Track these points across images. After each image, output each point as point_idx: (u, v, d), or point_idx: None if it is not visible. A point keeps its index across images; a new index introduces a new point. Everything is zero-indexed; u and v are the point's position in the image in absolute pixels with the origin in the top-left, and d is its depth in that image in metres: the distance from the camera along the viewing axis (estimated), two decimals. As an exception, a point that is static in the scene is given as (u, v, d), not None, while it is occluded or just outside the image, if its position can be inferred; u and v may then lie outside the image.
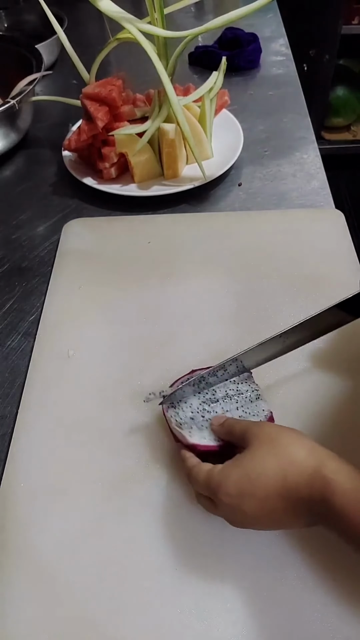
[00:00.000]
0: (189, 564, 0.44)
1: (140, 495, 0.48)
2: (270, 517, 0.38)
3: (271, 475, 0.37)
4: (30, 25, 1.19)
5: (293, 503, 0.36)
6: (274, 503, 0.37)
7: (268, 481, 0.37)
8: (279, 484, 0.37)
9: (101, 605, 0.43)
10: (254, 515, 0.38)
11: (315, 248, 0.67)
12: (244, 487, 0.38)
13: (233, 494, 0.38)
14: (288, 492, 0.36)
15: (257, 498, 0.37)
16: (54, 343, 0.60)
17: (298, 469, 0.37)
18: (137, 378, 0.56)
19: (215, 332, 0.59)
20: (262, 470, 0.38)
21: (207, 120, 0.77)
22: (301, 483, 0.36)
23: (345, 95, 1.93)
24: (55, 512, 0.47)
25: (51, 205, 0.80)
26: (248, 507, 0.38)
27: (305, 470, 0.36)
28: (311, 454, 0.37)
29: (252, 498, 0.37)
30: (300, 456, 0.37)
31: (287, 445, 0.38)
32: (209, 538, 0.45)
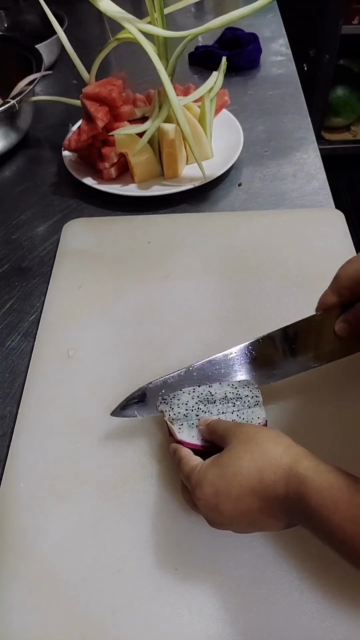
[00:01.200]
0: (189, 564, 0.44)
1: (140, 495, 0.48)
2: (246, 517, 0.38)
3: (246, 473, 0.37)
4: (30, 25, 1.19)
5: (269, 502, 0.36)
6: (250, 502, 0.37)
7: (243, 480, 0.37)
8: (254, 482, 0.36)
9: (101, 605, 0.43)
10: (230, 516, 0.38)
11: (315, 248, 0.67)
12: (220, 486, 0.38)
13: (209, 494, 0.38)
14: (264, 490, 0.36)
15: (233, 498, 0.37)
16: (54, 343, 0.60)
17: (274, 467, 0.36)
18: (137, 378, 0.56)
19: (216, 332, 0.59)
20: (237, 469, 0.37)
21: (207, 120, 0.77)
22: (277, 481, 0.36)
23: (345, 95, 1.93)
24: (55, 512, 0.47)
25: (51, 205, 0.80)
26: (224, 507, 0.37)
27: (280, 467, 0.36)
28: (287, 452, 0.37)
29: (227, 498, 0.37)
30: (276, 454, 0.37)
31: (263, 444, 0.38)
32: (209, 538, 0.45)
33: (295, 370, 0.49)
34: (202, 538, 0.45)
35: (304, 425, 0.51)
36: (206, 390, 0.48)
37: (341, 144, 2.03)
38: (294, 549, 0.44)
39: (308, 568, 0.43)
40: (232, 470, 0.37)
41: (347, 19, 1.67)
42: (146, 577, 0.44)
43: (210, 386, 0.48)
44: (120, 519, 0.47)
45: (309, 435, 0.50)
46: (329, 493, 0.34)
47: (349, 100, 1.95)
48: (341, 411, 0.52)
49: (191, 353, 0.57)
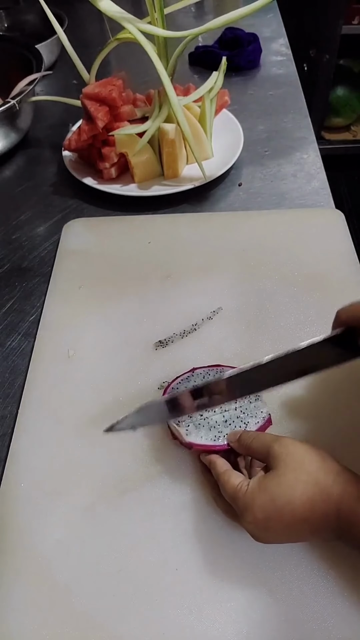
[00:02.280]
0: (189, 564, 0.44)
1: (141, 495, 0.48)
2: (294, 537, 0.39)
3: (299, 504, 0.37)
4: (30, 25, 1.19)
5: (321, 529, 0.37)
6: (301, 527, 0.38)
7: (296, 510, 0.37)
8: (307, 512, 0.37)
9: (101, 605, 0.43)
10: (278, 536, 0.39)
11: (315, 248, 0.67)
12: (271, 512, 0.38)
13: (259, 518, 0.38)
14: (316, 519, 0.37)
15: (284, 523, 0.38)
16: (54, 343, 0.60)
17: (325, 497, 0.37)
18: (137, 378, 0.56)
19: (216, 332, 0.59)
20: (290, 498, 0.38)
21: (207, 120, 0.77)
22: (329, 513, 0.37)
23: (345, 95, 1.93)
24: (55, 512, 0.47)
25: (51, 206, 0.80)
26: (274, 530, 0.38)
27: (332, 498, 0.37)
28: (336, 481, 0.38)
29: (278, 523, 0.38)
30: (326, 484, 0.38)
31: (314, 472, 0.38)
32: (210, 538, 0.45)
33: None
34: (203, 538, 0.45)
35: (305, 417, 0.51)
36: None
37: (341, 144, 2.03)
38: (297, 550, 0.44)
39: (309, 568, 0.43)
40: (285, 499, 0.38)
41: (347, 19, 1.67)
42: (146, 578, 0.44)
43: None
44: (121, 519, 0.47)
45: (310, 427, 0.50)
46: None
47: (349, 100, 1.95)
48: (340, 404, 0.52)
49: (191, 353, 0.57)
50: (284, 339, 0.58)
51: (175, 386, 0.50)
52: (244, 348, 0.57)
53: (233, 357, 0.57)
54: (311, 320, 0.59)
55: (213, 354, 0.57)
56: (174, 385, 0.50)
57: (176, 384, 0.50)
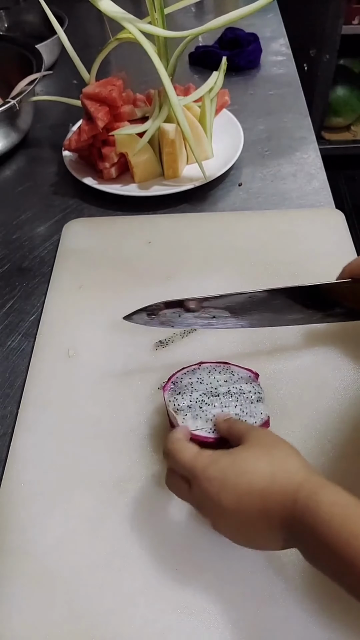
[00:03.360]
0: (189, 564, 0.44)
1: (141, 495, 0.48)
2: (243, 517, 0.37)
3: (260, 473, 0.37)
4: (30, 25, 1.19)
5: (273, 510, 0.35)
6: (253, 502, 0.36)
7: (254, 477, 0.36)
8: (264, 483, 0.36)
9: (101, 605, 0.43)
10: (228, 509, 0.37)
11: (315, 248, 0.67)
12: (229, 475, 0.37)
13: (216, 478, 0.37)
14: (271, 495, 0.36)
15: (237, 491, 0.36)
16: (54, 343, 0.60)
17: (288, 476, 0.36)
18: (137, 378, 0.56)
19: (216, 332, 0.59)
20: (252, 467, 0.37)
21: (207, 120, 0.77)
22: (288, 491, 0.35)
23: (346, 95, 1.93)
24: (56, 511, 0.47)
25: (51, 205, 0.80)
26: (225, 497, 0.37)
27: (295, 479, 0.36)
28: (304, 468, 0.37)
29: (232, 489, 0.37)
30: (293, 466, 0.37)
31: (284, 456, 0.38)
32: (210, 538, 0.45)
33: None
34: (202, 538, 0.45)
35: (305, 425, 0.51)
36: (210, 385, 0.49)
37: (341, 144, 2.03)
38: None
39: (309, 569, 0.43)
40: (246, 466, 0.37)
41: (347, 19, 1.67)
42: (146, 577, 0.44)
43: (217, 380, 0.49)
44: (121, 518, 0.47)
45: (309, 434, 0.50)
46: (340, 510, 0.33)
47: (349, 100, 1.95)
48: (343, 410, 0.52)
49: (191, 353, 0.57)
50: (284, 339, 0.58)
51: (180, 376, 0.50)
52: (244, 348, 0.57)
53: (233, 357, 0.56)
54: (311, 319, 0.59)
55: (213, 354, 0.57)
56: (178, 375, 0.50)
57: (181, 374, 0.50)
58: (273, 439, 0.40)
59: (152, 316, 0.52)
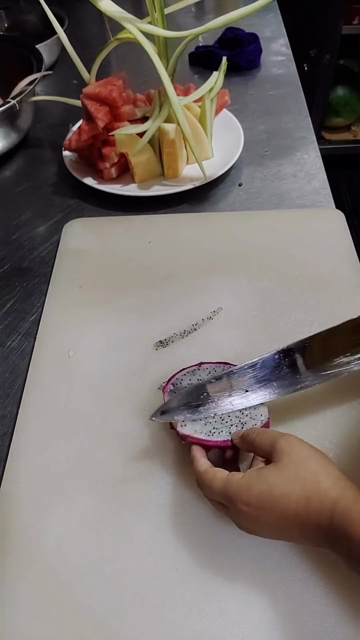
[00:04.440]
0: (189, 564, 0.44)
1: (141, 495, 0.48)
2: (282, 532, 0.39)
3: (295, 499, 0.37)
4: (30, 25, 1.19)
5: (311, 528, 0.37)
6: (292, 522, 0.38)
7: (290, 503, 0.37)
8: (300, 508, 0.37)
9: (102, 605, 0.43)
10: (267, 528, 0.39)
11: (315, 248, 0.67)
12: (265, 502, 0.38)
13: (253, 505, 0.38)
14: (308, 517, 0.37)
15: (276, 515, 0.38)
16: (54, 343, 0.60)
17: (321, 497, 0.37)
18: (137, 378, 0.56)
19: (216, 332, 0.59)
20: (286, 491, 0.38)
21: (207, 120, 0.77)
22: (323, 512, 0.37)
23: (346, 95, 1.93)
24: (56, 512, 0.47)
25: (51, 206, 0.80)
26: (264, 520, 0.38)
27: (328, 499, 0.37)
28: (335, 485, 0.38)
29: (271, 513, 0.38)
30: (325, 485, 0.38)
31: (315, 473, 0.39)
32: (210, 538, 0.45)
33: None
34: (202, 538, 0.45)
35: (305, 424, 0.51)
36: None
37: (341, 144, 2.03)
38: (295, 552, 0.44)
39: (308, 570, 0.43)
40: (281, 490, 0.38)
41: (347, 19, 1.67)
42: (147, 577, 0.44)
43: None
44: (121, 518, 0.47)
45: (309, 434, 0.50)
46: None
47: (349, 100, 1.94)
48: (343, 410, 0.52)
49: (191, 353, 0.57)
50: (284, 339, 0.58)
51: (180, 377, 0.50)
52: (244, 348, 0.57)
53: (233, 357, 0.56)
54: (311, 320, 0.59)
55: (213, 354, 0.57)
56: (178, 377, 0.50)
57: (181, 375, 0.50)
58: (304, 453, 0.40)
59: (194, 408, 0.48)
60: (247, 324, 0.60)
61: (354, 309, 0.60)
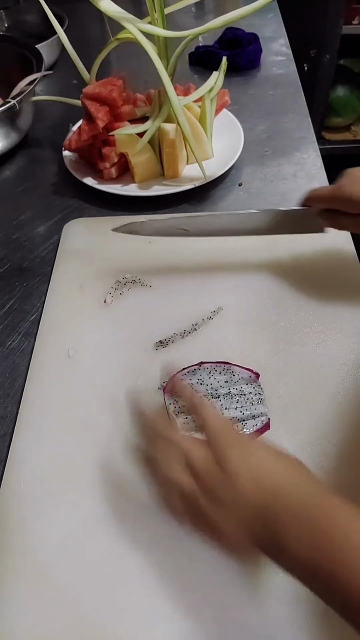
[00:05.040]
0: (190, 564, 0.44)
1: (141, 495, 0.48)
2: (244, 480, 0.37)
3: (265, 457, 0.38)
4: (30, 25, 1.19)
5: (260, 485, 0.36)
6: (257, 461, 0.38)
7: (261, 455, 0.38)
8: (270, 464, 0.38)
9: (101, 605, 0.42)
10: (236, 463, 0.38)
11: (315, 248, 0.67)
12: (243, 439, 0.40)
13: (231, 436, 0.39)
14: (260, 480, 0.37)
15: (246, 452, 0.38)
16: (54, 343, 0.60)
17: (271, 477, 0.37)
18: (137, 378, 0.56)
19: (216, 332, 0.59)
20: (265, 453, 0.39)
21: (207, 120, 0.77)
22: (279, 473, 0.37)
23: (346, 95, 1.93)
24: (56, 512, 0.47)
25: (52, 205, 0.80)
26: (235, 452, 0.38)
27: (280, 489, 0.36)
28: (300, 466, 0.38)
29: (241, 447, 0.38)
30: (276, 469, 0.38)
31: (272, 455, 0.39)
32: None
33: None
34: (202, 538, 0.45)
35: (304, 424, 0.51)
36: (210, 387, 0.48)
37: (341, 144, 2.03)
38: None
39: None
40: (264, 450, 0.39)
41: (347, 19, 1.67)
42: (147, 577, 0.44)
43: (218, 381, 0.49)
44: (121, 518, 0.47)
45: (309, 434, 0.50)
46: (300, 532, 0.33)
47: (349, 100, 1.94)
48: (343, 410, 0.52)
49: (191, 353, 0.57)
50: (284, 339, 0.58)
51: (180, 377, 0.50)
52: (244, 348, 0.57)
53: (233, 357, 0.56)
54: (311, 320, 0.59)
55: (213, 354, 0.57)
56: (178, 376, 0.50)
57: (181, 374, 0.50)
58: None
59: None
60: (247, 324, 0.60)
61: (354, 309, 0.60)
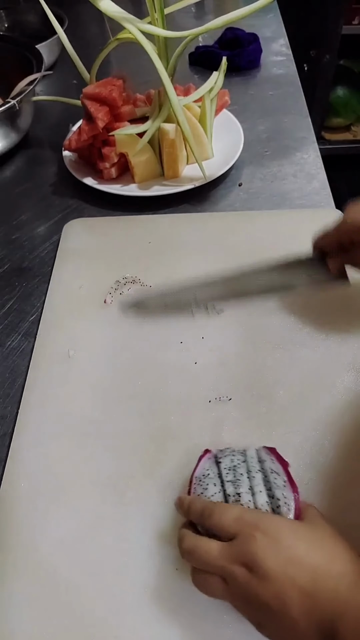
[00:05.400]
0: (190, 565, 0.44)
1: (141, 495, 0.48)
2: (283, 588, 0.33)
3: (316, 553, 0.34)
4: (30, 25, 1.19)
5: (315, 588, 0.33)
6: (299, 574, 0.33)
7: (310, 554, 0.34)
8: (318, 564, 0.34)
9: (101, 605, 0.42)
10: (270, 570, 0.34)
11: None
12: (283, 537, 0.35)
13: (270, 534, 0.35)
14: (317, 588, 0.33)
15: (288, 555, 0.34)
16: (54, 343, 0.60)
17: (335, 586, 0.33)
18: (137, 378, 0.56)
19: (216, 331, 0.59)
20: (311, 540, 0.35)
21: (207, 120, 0.77)
22: (333, 605, 0.32)
23: (346, 95, 1.93)
24: (56, 512, 0.47)
25: (51, 206, 0.80)
26: (272, 561, 0.34)
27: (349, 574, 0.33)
28: (357, 565, 0.34)
29: (284, 551, 0.34)
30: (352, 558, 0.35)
31: (339, 546, 0.36)
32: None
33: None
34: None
35: (304, 425, 0.51)
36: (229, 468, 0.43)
37: (341, 144, 2.03)
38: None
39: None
40: (304, 536, 0.35)
41: (347, 19, 1.67)
42: (147, 577, 0.44)
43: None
44: (121, 519, 0.47)
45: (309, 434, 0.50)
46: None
47: (349, 100, 1.95)
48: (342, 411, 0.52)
49: (191, 353, 0.57)
50: (284, 339, 0.58)
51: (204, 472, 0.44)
52: (244, 347, 0.57)
53: (233, 356, 0.57)
54: (311, 320, 0.59)
55: (213, 354, 0.57)
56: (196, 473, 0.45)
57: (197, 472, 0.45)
58: (323, 527, 0.37)
59: None
60: (247, 324, 0.60)
61: (354, 309, 0.60)
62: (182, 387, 0.55)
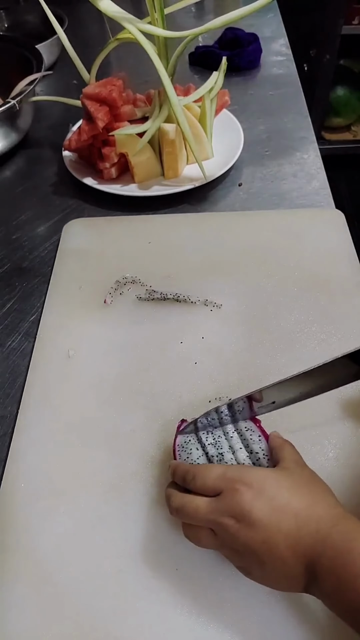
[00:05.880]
0: (189, 565, 0.44)
1: (141, 495, 0.48)
2: (271, 534, 0.36)
3: (299, 495, 0.37)
4: (30, 25, 1.19)
5: (303, 535, 0.35)
6: (286, 520, 0.36)
7: (293, 498, 0.37)
8: (302, 506, 0.36)
9: (101, 606, 0.42)
10: (257, 519, 0.36)
11: (315, 248, 0.67)
12: (267, 487, 0.37)
13: (254, 487, 0.37)
14: (307, 517, 0.36)
15: (273, 504, 0.36)
16: (54, 343, 0.60)
17: (326, 509, 0.36)
18: (137, 378, 0.56)
19: (216, 331, 0.59)
20: (293, 486, 0.37)
21: (207, 120, 0.77)
22: (324, 521, 0.35)
23: (346, 95, 1.93)
24: (56, 512, 0.47)
25: (51, 206, 0.80)
26: (258, 507, 0.36)
27: (332, 512, 0.36)
28: (340, 506, 0.37)
29: (268, 501, 0.36)
30: (332, 500, 0.38)
31: (322, 492, 0.38)
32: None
33: None
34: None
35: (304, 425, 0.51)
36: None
37: (341, 144, 2.03)
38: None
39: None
40: (287, 484, 0.37)
41: (347, 19, 1.67)
42: (146, 578, 0.44)
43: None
44: (121, 519, 0.47)
45: (309, 434, 0.50)
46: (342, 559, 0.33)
47: (349, 100, 1.95)
48: (342, 411, 0.52)
49: (191, 352, 0.57)
50: (284, 339, 0.58)
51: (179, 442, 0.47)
52: (244, 348, 0.57)
53: (233, 356, 0.57)
54: (311, 320, 0.59)
55: (213, 354, 0.57)
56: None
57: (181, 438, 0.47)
58: (305, 469, 0.41)
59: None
60: (247, 324, 0.60)
61: (354, 310, 0.60)
62: (182, 387, 0.55)
